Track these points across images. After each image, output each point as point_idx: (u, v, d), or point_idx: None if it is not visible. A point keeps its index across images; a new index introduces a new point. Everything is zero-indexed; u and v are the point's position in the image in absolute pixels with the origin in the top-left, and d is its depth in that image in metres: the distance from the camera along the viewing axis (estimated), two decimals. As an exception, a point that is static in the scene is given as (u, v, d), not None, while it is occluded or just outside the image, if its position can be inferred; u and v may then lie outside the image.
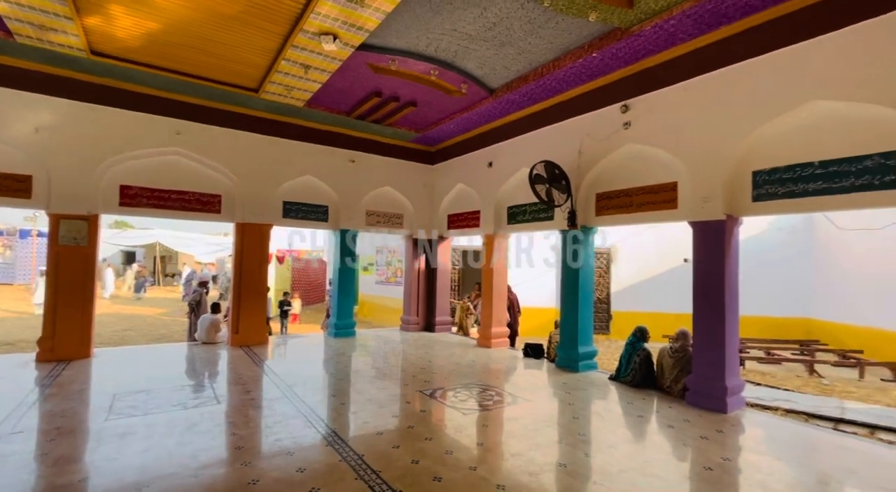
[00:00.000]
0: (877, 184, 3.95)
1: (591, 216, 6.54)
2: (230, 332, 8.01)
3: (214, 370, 6.50)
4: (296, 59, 5.84)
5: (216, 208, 7.86)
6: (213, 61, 6.09)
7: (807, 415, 5.95)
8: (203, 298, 9.48)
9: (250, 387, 5.52)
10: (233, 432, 4.09)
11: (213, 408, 4.72)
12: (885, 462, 3.83)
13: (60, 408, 4.57)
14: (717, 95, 4.99)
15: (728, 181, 4.94)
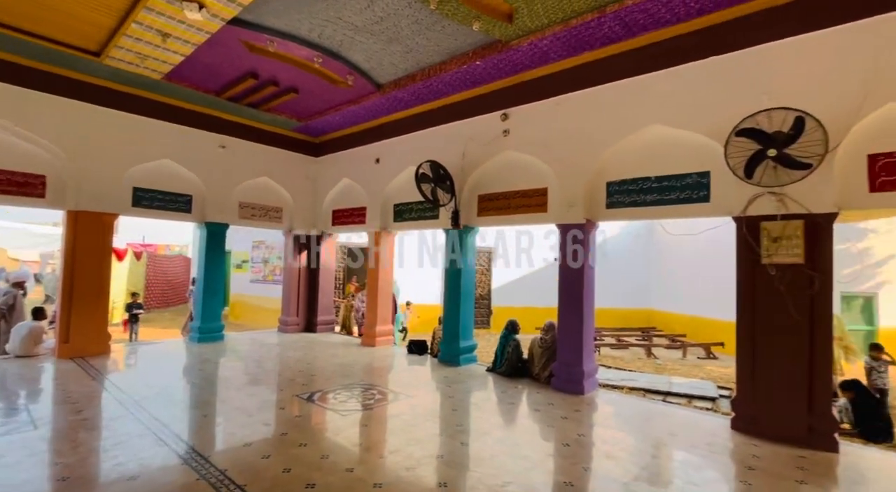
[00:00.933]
0: (694, 197, 4.82)
1: (473, 216, 6.86)
2: (57, 341, 6.65)
3: (34, 389, 5.33)
4: (150, 24, 5.07)
5: (39, 192, 6.45)
6: (43, 14, 4.98)
7: (644, 391, 7.03)
8: (18, 301, 7.72)
9: (83, 406, 4.64)
10: (56, 461, 3.39)
11: (28, 435, 3.86)
12: (698, 425, 4.68)
13: None
14: (582, 113, 5.60)
15: (588, 190, 5.58)
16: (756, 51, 4.38)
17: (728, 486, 3.43)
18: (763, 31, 4.31)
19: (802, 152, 3.86)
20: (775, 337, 4.20)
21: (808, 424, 4.05)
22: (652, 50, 4.92)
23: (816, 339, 4.02)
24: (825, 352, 4.02)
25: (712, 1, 4.30)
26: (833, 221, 4.01)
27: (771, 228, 4.18)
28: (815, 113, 3.87)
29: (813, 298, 4.03)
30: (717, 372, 9.09)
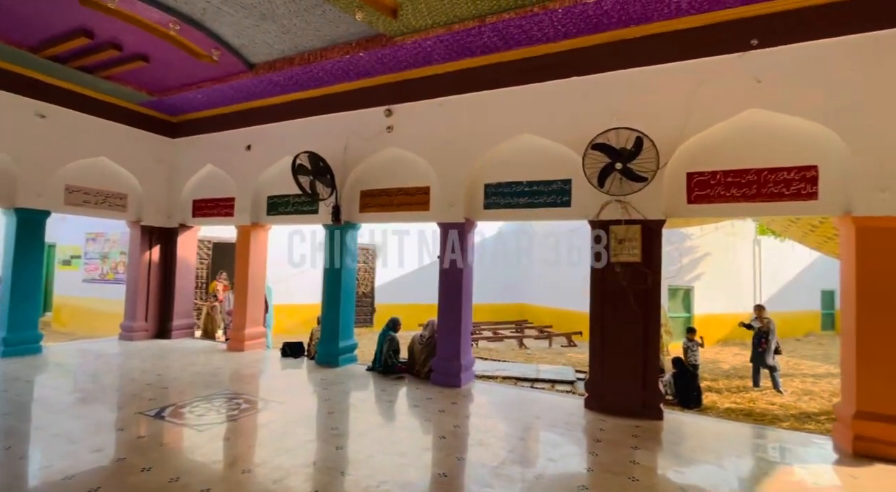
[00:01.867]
0: (559, 202, 5.34)
1: (355, 212, 6.67)
2: None
3: None
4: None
5: None
6: None
7: (516, 379, 7.59)
8: None
9: None
10: None
11: None
12: (559, 406, 5.20)
13: None
14: (463, 116, 5.80)
15: (468, 190, 5.81)
16: (609, 76, 5.01)
17: (580, 458, 3.86)
18: (614, 59, 4.94)
19: (641, 167, 4.53)
20: (620, 326, 4.86)
21: (642, 398, 4.77)
22: (525, 64, 5.31)
23: (649, 326, 4.76)
24: (655, 337, 4.78)
25: (575, 27, 4.79)
26: (662, 226, 4.78)
27: (617, 231, 4.83)
28: (650, 135, 4.56)
29: (647, 292, 4.76)
30: (577, 358, 10.25)
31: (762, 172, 4.49)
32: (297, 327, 11.32)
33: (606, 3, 4.39)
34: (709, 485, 3.45)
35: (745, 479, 3.59)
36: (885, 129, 4.02)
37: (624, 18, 4.63)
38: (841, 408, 4.33)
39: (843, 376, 4.37)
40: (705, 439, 4.40)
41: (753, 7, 4.34)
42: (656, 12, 4.50)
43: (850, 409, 4.12)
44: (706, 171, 4.70)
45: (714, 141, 4.68)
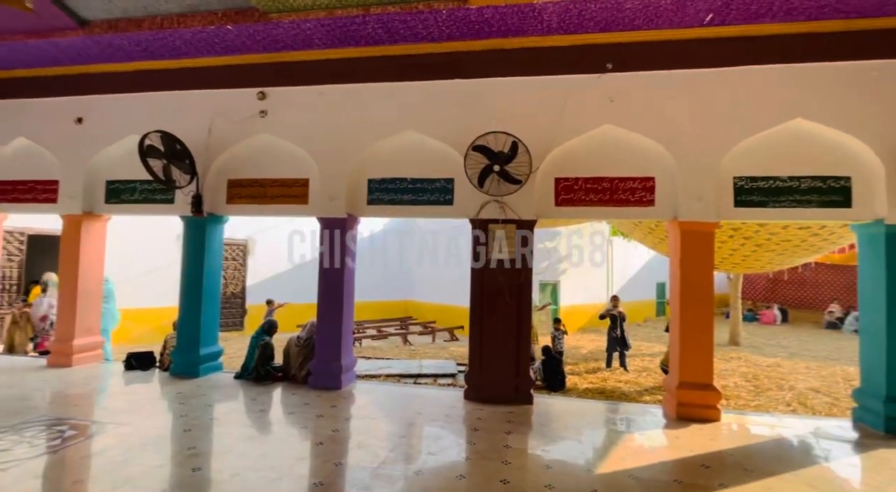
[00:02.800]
0: (442, 200, 5.44)
1: (221, 203, 5.96)
2: None
3: None
4: None
5: None
6: None
7: (399, 376, 7.58)
8: None
9: None
10: None
11: None
12: (440, 400, 5.30)
13: None
14: (346, 107, 5.57)
15: (351, 184, 5.60)
16: (490, 81, 5.25)
17: (459, 448, 3.98)
18: (494, 66, 5.19)
19: (516, 171, 4.84)
20: (496, 318, 5.14)
21: (515, 385, 5.12)
22: (410, 60, 5.29)
23: (522, 318, 5.12)
24: (527, 328, 5.16)
25: (458, 30, 4.91)
26: (534, 225, 5.18)
27: (495, 230, 5.09)
28: (525, 141, 4.89)
29: (521, 287, 5.11)
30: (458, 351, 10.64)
31: (614, 180, 5.14)
32: (149, 335, 9.81)
33: (487, 12, 4.58)
34: (570, 458, 3.84)
35: (598, 449, 4.06)
36: (701, 149, 4.89)
37: (503, 29, 4.89)
38: (668, 380, 5.18)
39: (671, 354, 5.22)
40: (568, 418, 4.89)
41: (609, 35, 4.92)
42: (531, 27, 4.84)
43: (675, 381, 4.94)
44: (571, 177, 5.21)
45: (577, 150, 5.21)
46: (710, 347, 4.90)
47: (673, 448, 4.11)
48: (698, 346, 4.89)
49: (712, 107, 4.90)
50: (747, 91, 4.86)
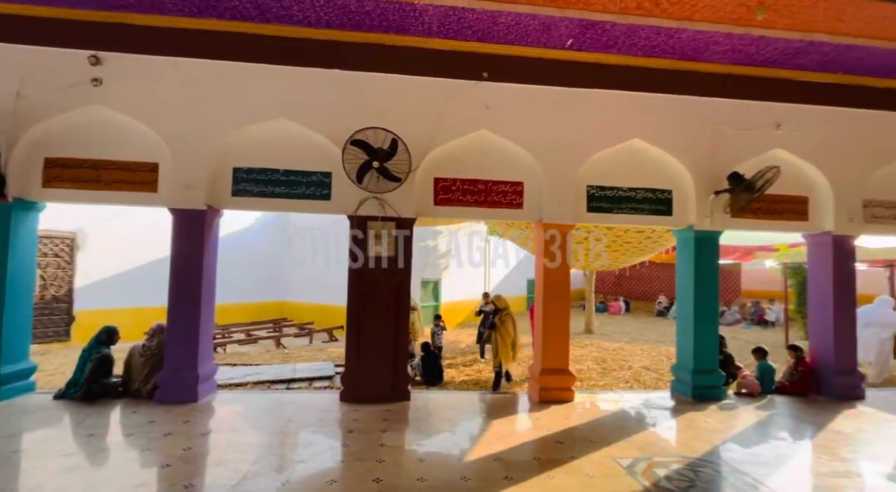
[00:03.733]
0: (318, 195, 5.19)
1: (34, 186, 4.85)
2: None
3: None
4: None
5: None
6: None
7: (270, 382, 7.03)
8: None
9: None
10: None
11: None
12: (314, 405, 5.05)
13: None
14: (205, 85, 4.97)
15: (212, 173, 5.02)
16: (371, 76, 5.16)
17: (332, 452, 3.83)
18: (376, 61, 5.11)
19: (396, 168, 4.84)
20: (374, 317, 5.07)
21: (393, 383, 5.12)
22: (283, 43, 4.94)
23: (400, 315, 5.13)
24: (405, 325, 5.19)
25: (337, 18, 4.73)
26: (413, 224, 5.24)
27: (374, 227, 5.03)
28: (405, 139, 4.92)
29: (399, 284, 5.12)
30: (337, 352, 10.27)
31: (489, 183, 5.45)
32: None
33: (368, 4, 4.49)
34: (443, 449, 3.96)
35: (470, 437, 4.26)
36: (562, 159, 5.44)
37: (384, 24, 4.84)
38: (533, 368, 5.67)
39: (535, 344, 5.72)
40: (444, 411, 5.04)
41: (486, 45, 5.20)
42: (412, 26, 4.88)
43: (538, 368, 5.43)
44: (449, 178, 5.39)
45: (456, 152, 5.41)
46: (566, 336, 5.50)
47: (534, 429, 4.51)
48: (557, 335, 5.45)
49: (571, 122, 5.50)
50: (599, 111, 5.55)
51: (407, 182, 4.97)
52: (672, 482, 3.42)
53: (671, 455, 3.93)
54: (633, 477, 3.47)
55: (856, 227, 6.01)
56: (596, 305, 16.65)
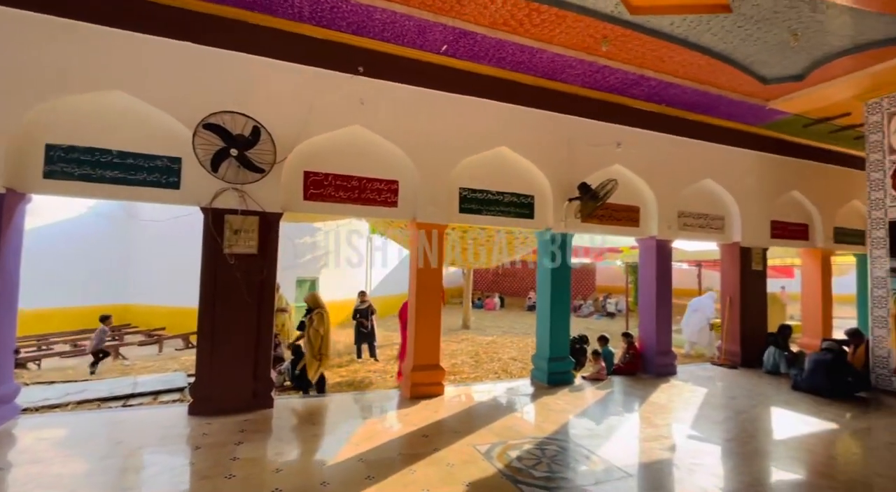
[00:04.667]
0: (164, 182, 4.54)
1: None
2: None
3: None
4: None
5: None
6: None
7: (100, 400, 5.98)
8: None
9: None
10: None
11: None
12: (155, 422, 4.43)
13: None
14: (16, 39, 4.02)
15: (14, 149, 4.07)
16: (230, 55, 4.69)
17: (171, 474, 3.38)
18: (235, 39, 4.67)
19: (259, 158, 4.48)
20: (232, 319, 4.63)
21: (253, 390, 4.73)
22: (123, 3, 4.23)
23: (262, 316, 4.77)
24: (268, 327, 4.83)
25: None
26: (279, 219, 4.90)
27: (233, 221, 4.58)
28: (270, 128, 4.58)
29: (262, 283, 4.75)
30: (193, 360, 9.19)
31: (363, 180, 5.36)
32: None
33: (228, -25, 4.08)
34: (306, 456, 3.78)
35: (337, 440, 4.13)
36: (436, 161, 5.60)
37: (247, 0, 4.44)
38: (406, 365, 5.73)
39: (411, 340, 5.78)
40: (312, 415, 4.82)
41: (362, 39, 5.10)
42: (280, 8, 4.56)
43: (411, 365, 5.51)
44: (321, 172, 5.17)
45: (328, 146, 5.21)
46: (438, 333, 5.67)
47: (402, 425, 4.56)
48: (430, 332, 5.59)
49: (446, 125, 5.69)
50: (471, 117, 5.84)
51: (272, 174, 4.64)
52: (522, 462, 3.74)
53: (524, 437, 4.30)
54: (489, 461, 3.72)
55: (673, 233, 7.27)
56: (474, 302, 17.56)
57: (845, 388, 6.06)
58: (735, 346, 7.95)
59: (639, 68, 5.91)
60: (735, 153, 7.90)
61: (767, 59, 5.65)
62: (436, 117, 5.63)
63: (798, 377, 6.45)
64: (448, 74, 5.63)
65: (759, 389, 6.47)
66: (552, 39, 5.24)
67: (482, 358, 9.43)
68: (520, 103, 6.12)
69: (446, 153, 5.68)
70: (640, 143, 6.98)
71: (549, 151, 6.32)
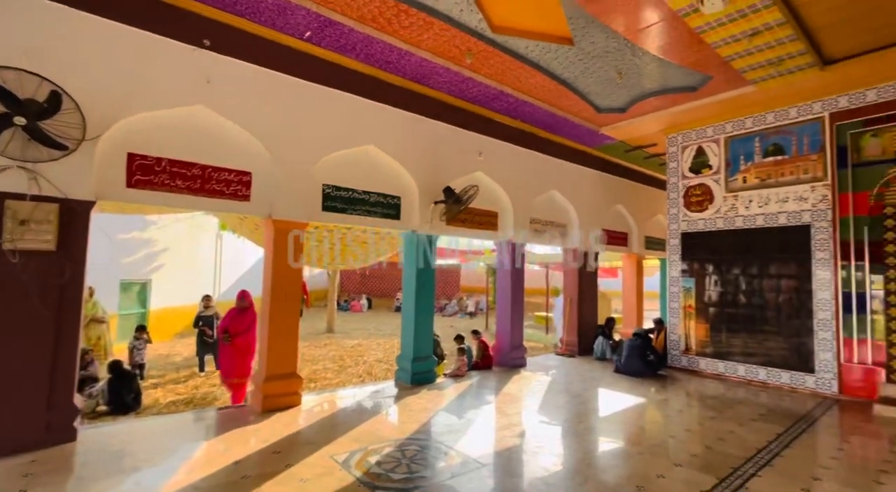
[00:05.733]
0: None
1: None
2: None
3: None
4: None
5: None
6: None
7: None
8: None
9: None
10: None
11: None
12: None
13: None
14: None
15: None
16: None
17: None
18: (33, -21, 3.69)
19: (59, 131, 3.59)
20: (15, 335, 3.61)
21: (47, 421, 3.77)
22: None
23: (63, 329, 3.83)
24: (71, 342, 3.90)
25: None
26: (91, 208, 4.00)
27: (18, 209, 3.59)
28: (76, 95, 3.72)
29: (62, 288, 3.81)
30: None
31: (207, 168, 4.70)
32: None
33: None
34: None
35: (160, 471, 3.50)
36: (297, 154, 5.21)
37: (50, -68, 3.55)
38: (257, 376, 5.20)
39: (261, 349, 5.27)
40: (134, 443, 4.02)
41: (209, 9, 4.48)
42: (98, -49, 3.75)
43: (263, 375, 5.01)
44: (151, 155, 4.38)
45: (164, 126, 4.45)
46: (295, 338, 5.27)
47: (251, 443, 4.10)
48: (285, 338, 5.16)
49: (310, 117, 5.34)
50: (338, 112, 5.58)
51: (80, 153, 3.76)
52: (381, 466, 3.66)
53: (384, 441, 4.23)
54: (347, 471, 3.55)
55: (525, 237, 7.99)
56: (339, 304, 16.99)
57: (651, 367, 7.37)
58: (574, 337, 9.08)
59: (499, 84, 6.36)
60: (577, 169, 9.05)
61: (600, 90, 6.59)
62: (299, 107, 5.24)
63: (618, 362, 7.65)
64: (314, 63, 5.31)
65: (590, 373, 7.49)
66: (420, 44, 5.30)
67: (346, 362, 9.14)
68: (389, 103, 6.07)
69: (309, 147, 5.33)
70: (500, 153, 7.53)
71: (417, 154, 6.41)
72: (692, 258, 7.77)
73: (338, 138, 5.59)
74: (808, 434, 4.75)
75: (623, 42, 5.26)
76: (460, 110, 6.91)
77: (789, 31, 4.91)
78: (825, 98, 6.42)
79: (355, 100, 5.73)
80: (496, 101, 6.87)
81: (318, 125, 5.42)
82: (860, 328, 6.00)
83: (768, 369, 6.78)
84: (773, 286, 6.86)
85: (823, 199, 6.38)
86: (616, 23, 4.90)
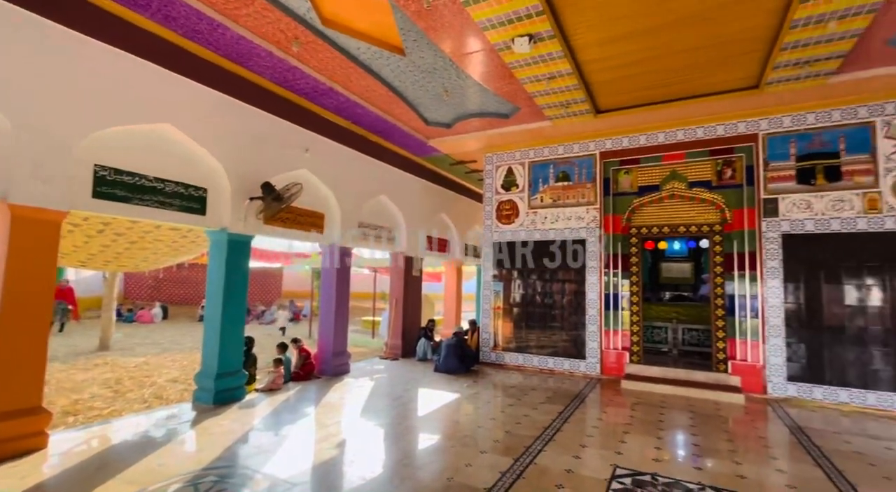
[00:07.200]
0: None
1: None
2: None
3: None
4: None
5: None
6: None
7: None
8: None
9: None
10: None
11: None
12: None
13: None
14: None
15: None
16: None
17: None
18: None
19: None
20: None
21: None
22: None
23: None
24: None
25: None
26: None
27: None
28: None
29: None
30: None
31: None
32: None
33: None
34: None
35: None
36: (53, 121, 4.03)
37: None
38: (-29, 419, 3.78)
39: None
40: None
41: None
42: None
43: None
44: None
45: None
46: (41, 360, 4.02)
47: (-50, 517, 2.93)
48: (28, 362, 3.90)
49: (77, 77, 4.19)
50: (123, 77, 4.53)
51: None
52: (163, 511, 3.03)
53: (172, 477, 3.54)
54: (111, 526, 2.83)
55: (353, 240, 7.84)
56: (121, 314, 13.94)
57: (465, 364, 8.03)
58: (398, 340, 9.28)
59: (329, 80, 6.11)
60: (405, 177, 9.33)
61: (429, 104, 6.93)
62: (57, 61, 4.06)
63: (438, 361, 8.11)
64: (87, 11, 4.19)
65: (412, 375, 7.74)
66: (238, 19, 4.72)
67: (126, 386, 7.46)
68: (195, 79, 5.22)
69: (73, 113, 4.17)
70: (329, 152, 7.23)
71: (231, 142, 5.66)
72: (501, 265, 8.79)
73: (120, 109, 4.53)
74: (579, 410, 5.79)
75: (449, 62, 5.64)
76: (286, 101, 6.40)
77: (574, 81, 6.00)
78: (597, 139, 8.05)
79: (148, 67, 4.75)
80: (326, 98, 6.59)
81: (92, 89, 4.30)
82: (615, 321, 7.67)
83: (555, 358, 8.10)
84: (560, 289, 8.24)
85: (594, 219, 7.98)
86: (444, 43, 5.21)
